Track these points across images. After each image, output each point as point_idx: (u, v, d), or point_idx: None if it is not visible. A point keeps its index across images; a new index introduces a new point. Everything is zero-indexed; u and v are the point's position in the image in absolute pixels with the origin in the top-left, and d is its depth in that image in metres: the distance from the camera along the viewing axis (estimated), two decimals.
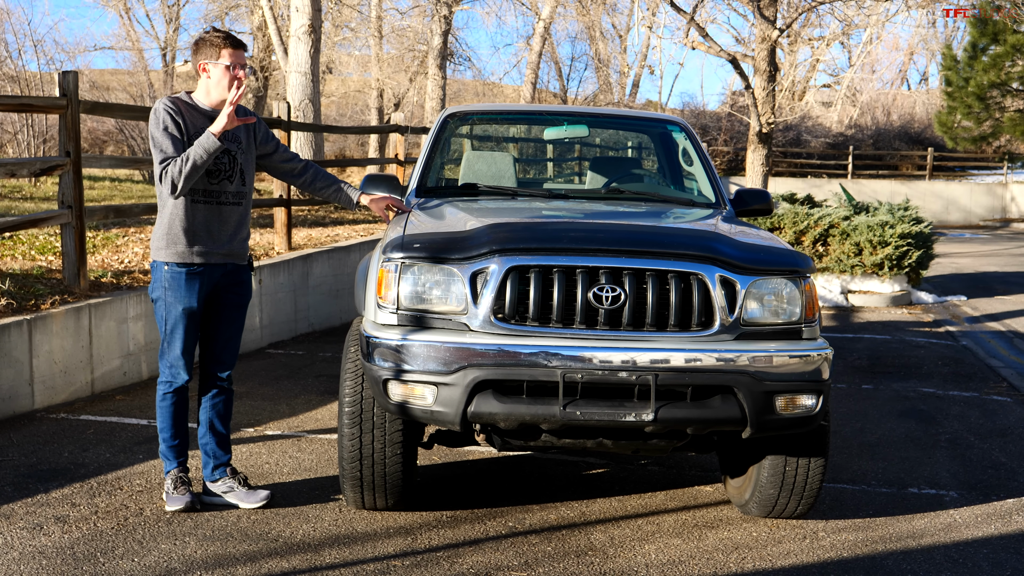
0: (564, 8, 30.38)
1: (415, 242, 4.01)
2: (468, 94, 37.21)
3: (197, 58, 4.28)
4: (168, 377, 4.40)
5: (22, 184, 14.41)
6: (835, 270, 12.22)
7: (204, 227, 4.29)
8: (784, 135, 34.07)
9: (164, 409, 4.43)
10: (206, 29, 4.39)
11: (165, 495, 4.43)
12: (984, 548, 4.32)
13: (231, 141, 4.35)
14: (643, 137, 7.67)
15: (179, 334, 4.34)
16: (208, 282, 4.36)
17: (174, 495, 4.39)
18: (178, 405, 4.44)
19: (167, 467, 4.46)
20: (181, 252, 4.28)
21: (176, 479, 4.42)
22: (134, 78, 31.10)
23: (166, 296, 4.31)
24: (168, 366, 4.39)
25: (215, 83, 4.27)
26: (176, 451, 4.45)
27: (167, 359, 4.38)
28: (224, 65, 4.23)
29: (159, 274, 4.32)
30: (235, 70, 4.25)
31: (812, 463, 4.31)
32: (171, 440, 4.43)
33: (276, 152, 4.59)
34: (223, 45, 4.23)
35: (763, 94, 14.78)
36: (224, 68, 4.24)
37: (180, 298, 4.30)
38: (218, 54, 4.23)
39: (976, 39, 19.06)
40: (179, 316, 4.32)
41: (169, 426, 4.43)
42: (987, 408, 6.95)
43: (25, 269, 7.31)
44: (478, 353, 3.80)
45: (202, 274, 4.33)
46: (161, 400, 4.43)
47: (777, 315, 4.02)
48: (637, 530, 4.39)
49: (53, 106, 6.72)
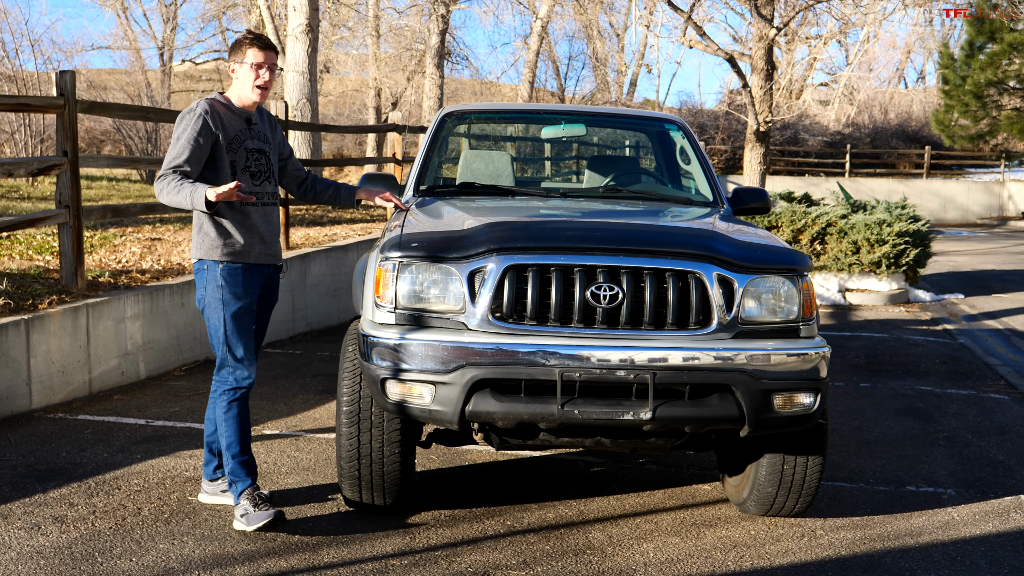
0: (562, 7, 30.39)
1: (413, 241, 4.01)
2: (466, 93, 37.21)
3: (230, 59, 4.27)
4: (233, 383, 4.20)
5: (19, 184, 14.40)
6: (833, 268, 12.22)
7: (256, 229, 4.22)
8: (781, 134, 34.08)
9: (231, 420, 4.19)
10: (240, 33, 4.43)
11: (244, 519, 4.11)
12: (982, 546, 4.33)
13: (263, 141, 4.33)
14: (641, 136, 7.68)
15: (242, 333, 4.18)
16: (258, 282, 4.28)
17: (256, 512, 4.09)
18: (244, 415, 4.23)
19: (240, 487, 4.17)
20: (237, 251, 4.18)
21: (254, 497, 4.14)
22: (131, 78, 31.07)
23: (223, 295, 4.15)
24: (231, 371, 4.19)
25: (240, 81, 4.23)
26: (248, 468, 4.21)
27: (230, 363, 4.19)
28: (249, 63, 4.19)
29: (213, 274, 4.16)
30: (261, 68, 4.20)
31: (810, 461, 4.31)
32: (241, 456, 4.19)
33: (289, 159, 4.58)
34: (249, 44, 4.20)
35: (760, 93, 14.78)
36: (249, 66, 4.19)
37: (239, 294, 4.18)
38: (244, 54, 4.20)
39: (973, 37, 19.07)
40: (240, 313, 4.18)
41: (237, 440, 4.19)
42: (985, 406, 6.96)
43: (22, 269, 7.30)
44: (476, 352, 3.80)
45: (254, 272, 4.25)
46: (227, 411, 4.20)
47: (775, 313, 4.03)
48: (635, 529, 4.39)
49: (50, 106, 6.71)
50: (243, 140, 4.24)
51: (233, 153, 4.20)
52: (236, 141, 4.21)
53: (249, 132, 4.28)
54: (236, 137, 4.21)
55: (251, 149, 4.26)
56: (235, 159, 4.20)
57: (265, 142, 4.35)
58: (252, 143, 4.27)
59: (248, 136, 4.27)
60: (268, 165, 4.34)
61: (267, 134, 4.38)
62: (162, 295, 7.19)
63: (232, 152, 4.19)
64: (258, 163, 4.28)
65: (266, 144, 4.35)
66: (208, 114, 4.14)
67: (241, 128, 4.25)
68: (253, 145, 4.28)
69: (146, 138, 18.51)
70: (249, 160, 4.25)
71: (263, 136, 4.34)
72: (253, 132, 4.30)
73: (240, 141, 4.23)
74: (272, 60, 4.24)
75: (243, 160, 4.22)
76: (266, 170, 4.33)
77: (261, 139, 4.32)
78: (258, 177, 4.28)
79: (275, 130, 4.47)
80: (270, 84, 4.24)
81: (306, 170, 4.70)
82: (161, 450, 5.33)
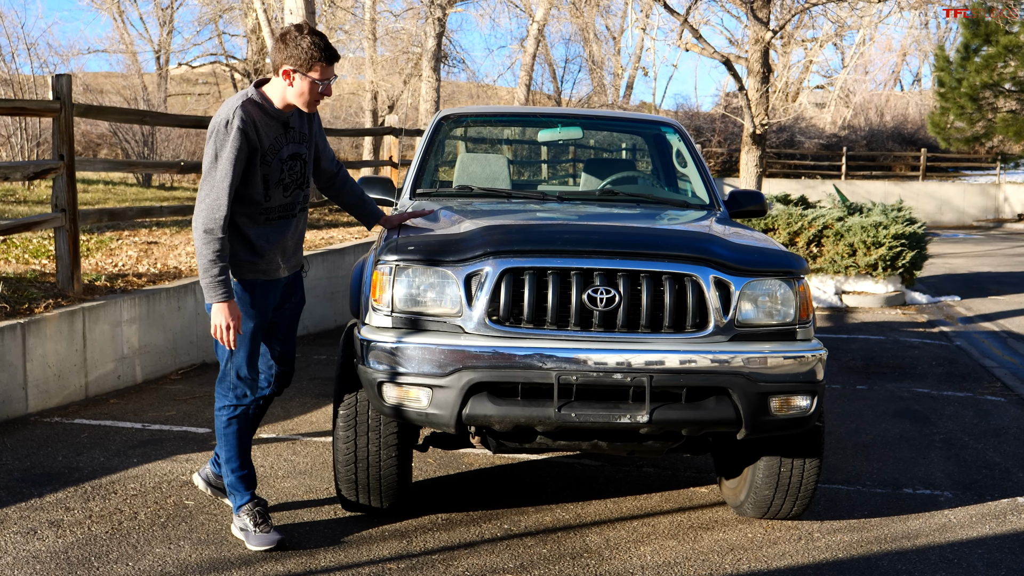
0: (558, 10, 30.39)
1: (409, 244, 4.01)
2: (462, 96, 37.21)
3: (282, 57, 3.80)
4: (233, 400, 4.08)
5: (15, 187, 14.38)
6: (829, 271, 12.24)
7: (279, 244, 4.02)
8: (778, 136, 34.13)
9: (229, 436, 4.10)
10: (298, 26, 3.82)
11: (243, 534, 4.05)
12: (979, 548, 4.33)
13: (299, 143, 4.01)
14: (637, 139, 7.68)
15: (249, 351, 4.02)
16: (276, 295, 4.11)
17: (257, 533, 4.01)
18: (243, 431, 4.12)
19: (239, 501, 4.10)
20: (253, 268, 3.98)
21: (254, 515, 4.05)
22: (128, 81, 31.02)
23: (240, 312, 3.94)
24: (232, 388, 4.06)
25: (296, 93, 3.83)
26: (246, 482, 4.12)
27: (231, 379, 4.06)
28: (312, 80, 3.81)
29: None
30: (324, 87, 3.82)
31: (807, 464, 4.32)
32: (240, 470, 4.10)
33: (323, 150, 4.23)
34: (319, 58, 3.77)
35: (757, 95, 14.80)
36: (311, 83, 3.81)
37: (253, 314, 3.99)
38: (309, 66, 3.78)
39: (969, 40, 19.13)
40: (251, 332, 4.00)
41: (236, 455, 4.10)
42: (981, 408, 6.96)
43: (18, 273, 7.29)
44: (473, 355, 3.80)
45: (271, 286, 4.07)
46: (225, 427, 4.10)
47: (771, 316, 4.03)
48: (632, 532, 4.39)
49: (47, 109, 6.70)
50: (279, 148, 3.92)
51: (267, 166, 3.88)
52: (271, 151, 3.89)
53: (286, 137, 3.95)
54: (272, 146, 3.89)
55: (286, 158, 3.95)
56: (268, 172, 3.89)
57: (302, 142, 4.02)
58: (288, 148, 3.96)
59: (284, 142, 3.94)
60: (303, 170, 4.04)
61: (304, 131, 4.03)
62: (158, 299, 7.18)
63: (266, 165, 3.88)
64: (292, 171, 3.98)
65: (303, 144, 4.03)
66: (244, 125, 3.76)
67: (278, 135, 3.91)
68: (289, 151, 3.96)
69: (142, 141, 18.50)
70: (284, 172, 3.95)
71: (300, 136, 4.01)
72: (290, 136, 3.97)
73: (276, 150, 3.91)
74: (333, 73, 3.86)
75: (276, 173, 3.92)
76: (300, 177, 4.03)
77: (298, 140, 4.00)
78: (290, 188, 3.99)
79: (312, 121, 4.09)
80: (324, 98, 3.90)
81: (339, 164, 4.37)
82: (158, 454, 5.32)
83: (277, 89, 3.88)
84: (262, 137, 3.84)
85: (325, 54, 3.80)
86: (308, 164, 4.09)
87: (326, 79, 3.82)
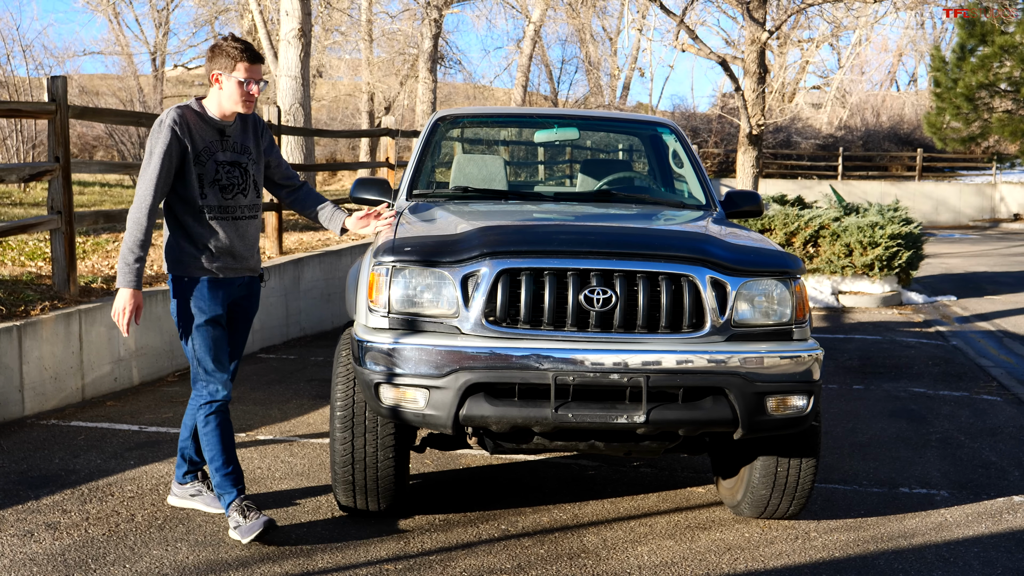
0: (554, 11, 30.42)
1: (406, 245, 4.01)
2: (459, 97, 37.22)
3: (212, 65, 4.08)
4: (207, 397, 4.14)
5: (11, 189, 14.37)
6: (826, 271, 12.25)
7: (225, 244, 4.12)
8: (774, 137, 34.17)
9: (210, 434, 4.13)
10: (224, 36, 4.16)
11: (238, 532, 4.07)
12: (975, 547, 4.34)
13: (241, 153, 4.19)
14: (633, 139, 7.68)
15: (211, 346, 4.12)
16: (228, 293, 4.21)
17: (247, 523, 4.05)
18: (223, 426, 4.16)
19: (228, 499, 4.14)
20: (202, 267, 4.12)
21: (243, 508, 4.10)
22: (124, 83, 31.01)
23: (189, 309, 4.12)
24: (204, 385, 4.14)
25: (227, 96, 4.07)
26: (233, 479, 4.14)
27: (201, 377, 4.13)
28: (237, 80, 4.04)
29: (179, 287, 4.15)
30: (249, 85, 4.05)
31: (804, 463, 4.32)
32: (224, 468, 4.13)
33: (277, 167, 4.44)
34: (240, 58, 4.03)
35: (753, 96, 14.82)
36: (237, 83, 4.04)
37: (206, 308, 4.12)
38: (233, 66, 4.03)
39: (964, 40, 19.15)
40: (208, 326, 4.12)
41: (219, 452, 4.13)
42: (977, 407, 6.98)
43: (15, 275, 7.28)
44: (469, 356, 3.80)
45: (225, 284, 4.18)
46: (204, 425, 4.13)
47: (768, 316, 4.03)
48: (630, 532, 4.39)
49: (42, 111, 6.70)
50: (213, 152, 4.10)
51: (201, 166, 4.07)
52: (205, 153, 4.07)
53: (221, 144, 4.13)
54: (205, 149, 4.08)
55: (222, 162, 4.12)
56: (202, 172, 4.07)
57: (242, 153, 4.20)
58: (224, 155, 4.13)
59: (219, 148, 4.12)
60: (243, 178, 4.19)
61: (247, 144, 4.22)
62: (155, 301, 7.18)
63: (200, 165, 4.06)
64: (230, 176, 4.14)
65: (243, 155, 4.20)
66: (176, 125, 4.00)
67: (212, 140, 4.10)
68: (225, 158, 4.13)
69: (138, 143, 18.48)
70: (219, 173, 4.10)
71: (239, 147, 4.19)
72: (226, 144, 4.14)
73: (210, 153, 4.09)
74: (260, 73, 4.11)
75: (211, 173, 4.09)
76: (240, 183, 4.17)
77: (236, 150, 4.17)
78: (229, 191, 4.14)
79: (261, 137, 4.31)
80: (257, 97, 4.12)
81: (300, 180, 4.56)
82: (154, 456, 5.31)
83: (213, 98, 4.15)
84: (195, 138, 4.08)
85: (247, 55, 4.07)
86: (250, 175, 4.25)
87: (251, 78, 4.08)
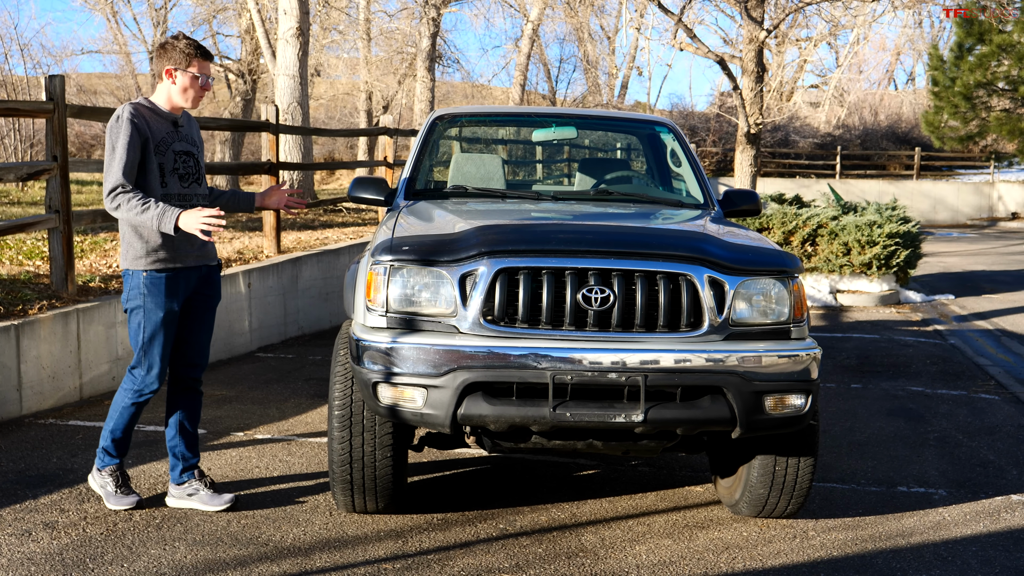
0: (552, 10, 30.41)
1: (404, 244, 4.01)
2: (457, 96, 37.21)
3: (163, 62, 4.26)
4: (139, 386, 4.34)
5: (9, 188, 14.36)
6: (824, 270, 12.26)
7: (184, 233, 4.17)
8: (772, 136, 34.17)
9: (124, 413, 4.39)
10: (172, 34, 4.42)
11: (105, 496, 4.40)
12: (973, 546, 4.34)
13: (190, 143, 4.38)
14: (631, 138, 7.68)
15: (160, 343, 4.28)
16: (186, 286, 4.36)
17: (118, 494, 4.39)
18: (138, 412, 4.43)
19: (108, 462, 4.42)
20: (162, 258, 4.25)
21: (117, 476, 4.41)
22: (121, 82, 31.00)
23: (145, 304, 4.25)
24: (142, 376, 4.32)
25: (179, 90, 4.26)
26: (119, 447, 4.42)
27: (142, 369, 4.31)
28: (192, 75, 4.24)
29: (136, 282, 4.26)
30: (201, 80, 4.26)
31: (802, 462, 4.32)
32: (118, 435, 4.40)
33: None
34: (194, 55, 4.24)
35: (751, 95, 14.82)
36: (191, 78, 4.25)
37: (161, 304, 4.25)
38: (188, 62, 4.23)
39: (962, 39, 19.15)
40: (160, 323, 4.26)
41: (122, 427, 4.40)
42: (975, 406, 6.98)
43: (12, 274, 7.28)
44: (467, 355, 3.80)
45: (181, 277, 4.32)
46: (126, 408, 4.37)
47: (766, 315, 4.03)
48: (628, 531, 4.39)
49: (40, 110, 6.69)
50: (170, 143, 4.27)
51: (161, 155, 4.22)
52: (163, 144, 4.24)
53: (176, 135, 4.31)
54: (163, 140, 4.24)
55: (178, 151, 4.30)
56: (163, 161, 4.23)
57: (192, 144, 4.40)
58: (179, 145, 4.31)
59: (175, 139, 4.30)
60: (197, 167, 4.39)
61: (194, 137, 4.43)
62: None
63: (160, 154, 4.22)
64: (186, 165, 4.33)
65: (193, 147, 4.40)
66: (133, 116, 4.14)
67: (168, 131, 4.28)
68: (180, 147, 4.31)
69: None
70: (177, 162, 4.28)
71: (190, 139, 4.39)
72: (180, 135, 4.33)
73: (167, 144, 4.25)
74: (210, 71, 4.32)
75: (171, 162, 4.26)
76: (195, 172, 4.37)
77: (188, 142, 4.36)
78: (187, 179, 4.33)
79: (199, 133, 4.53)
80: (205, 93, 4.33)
81: None
82: (152, 455, 5.31)
83: (163, 92, 4.30)
84: (153, 129, 4.21)
85: (200, 52, 4.27)
86: (201, 166, 4.44)
87: (204, 74, 4.27)
